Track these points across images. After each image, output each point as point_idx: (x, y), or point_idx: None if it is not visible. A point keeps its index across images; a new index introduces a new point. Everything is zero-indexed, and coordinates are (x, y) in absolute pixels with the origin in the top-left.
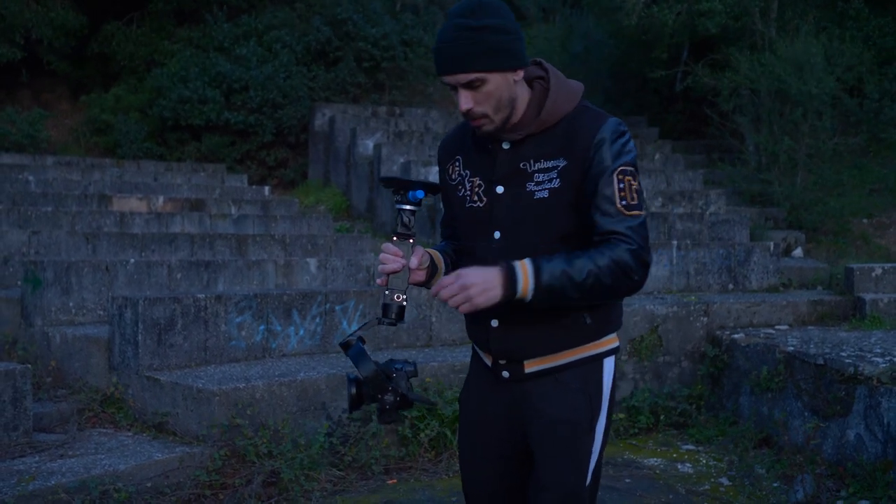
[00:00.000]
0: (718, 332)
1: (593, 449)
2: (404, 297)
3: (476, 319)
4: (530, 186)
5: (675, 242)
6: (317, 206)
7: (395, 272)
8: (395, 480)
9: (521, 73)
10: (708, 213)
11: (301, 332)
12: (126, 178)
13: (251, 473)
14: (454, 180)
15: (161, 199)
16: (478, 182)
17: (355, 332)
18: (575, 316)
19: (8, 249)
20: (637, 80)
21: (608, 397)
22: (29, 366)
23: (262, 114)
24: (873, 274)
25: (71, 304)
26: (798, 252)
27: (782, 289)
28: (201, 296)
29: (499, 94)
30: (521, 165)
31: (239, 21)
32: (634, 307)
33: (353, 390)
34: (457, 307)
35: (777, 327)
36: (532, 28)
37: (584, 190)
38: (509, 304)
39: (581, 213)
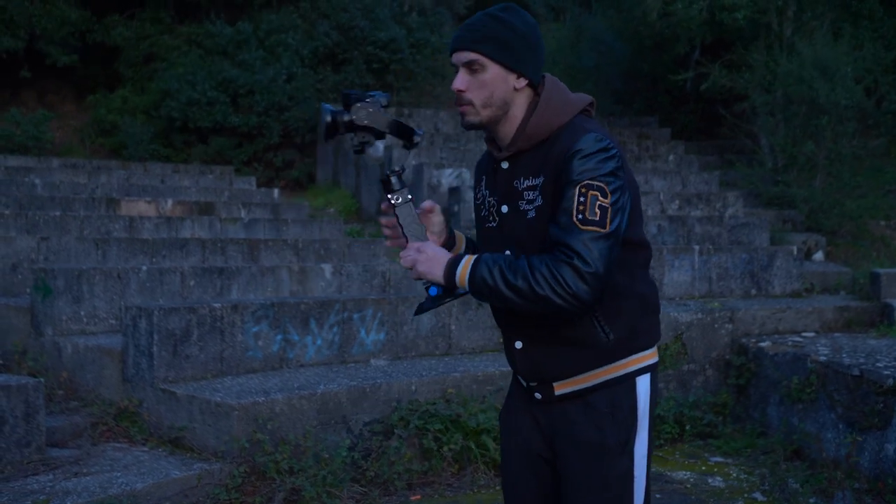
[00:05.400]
0: (744, 340)
1: (636, 474)
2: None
3: (506, 341)
4: (522, 205)
5: (696, 247)
6: (326, 208)
7: (395, 240)
8: (418, 496)
9: (522, 82)
10: (727, 215)
11: (319, 342)
12: (133, 180)
13: (272, 491)
14: (479, 200)
15: (170, 202)
16: (492, 202)
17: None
18: (592, 331)
19: (17, 256)
20: (647, 80)
21: (647, 417)
22: (41, 380)
23: (269, 116)
24: None
25: (82, 313)
26: (819, 256)
27: (805, 294)
28: (217, 305)
29: (493, 87)
30: (514, 184)
31: (239, 28)
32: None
33: (329, 119)
34: (407, 266)
35: (804, 334)
36: (542, 27)
37: (554, 201)
38: (535, 325)
39: None
